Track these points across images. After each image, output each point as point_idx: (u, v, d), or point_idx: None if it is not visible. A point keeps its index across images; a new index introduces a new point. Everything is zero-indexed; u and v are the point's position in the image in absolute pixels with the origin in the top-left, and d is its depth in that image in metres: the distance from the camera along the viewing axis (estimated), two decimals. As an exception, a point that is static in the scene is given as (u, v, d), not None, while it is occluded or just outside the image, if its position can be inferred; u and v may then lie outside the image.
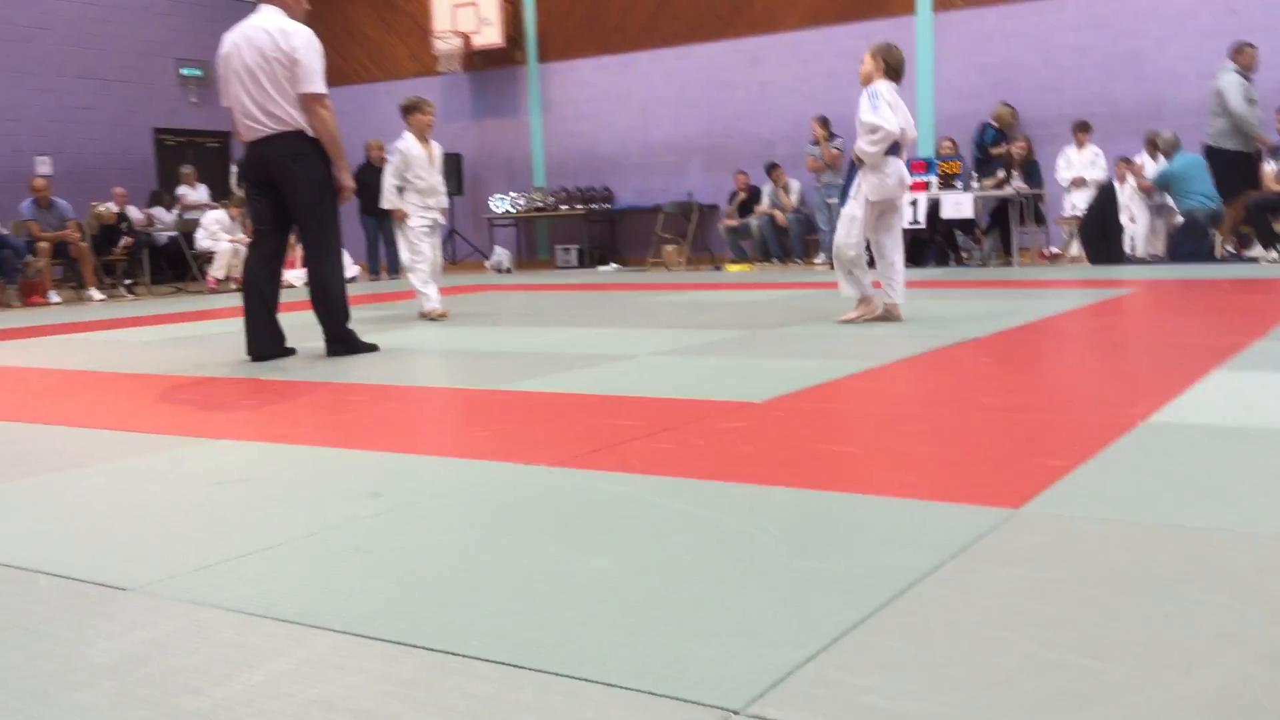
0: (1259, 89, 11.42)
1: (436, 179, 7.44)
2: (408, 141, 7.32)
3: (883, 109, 5.66)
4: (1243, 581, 1.71)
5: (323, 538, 2.17)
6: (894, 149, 5.74)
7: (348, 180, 5.33)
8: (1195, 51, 11.71)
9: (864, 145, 5.72)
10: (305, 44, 5.14)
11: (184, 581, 1.92)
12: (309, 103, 5.15)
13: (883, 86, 5.73)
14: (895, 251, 5.88)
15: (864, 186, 5.79)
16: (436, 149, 7.52)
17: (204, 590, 1.87)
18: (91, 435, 3.48)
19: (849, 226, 5.82)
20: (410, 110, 7.39)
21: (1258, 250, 10.39)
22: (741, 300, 7.97)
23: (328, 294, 5.35)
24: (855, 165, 5.97)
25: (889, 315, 5.82)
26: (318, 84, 5.16)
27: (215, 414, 3.89)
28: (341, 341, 5.38)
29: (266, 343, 5.30)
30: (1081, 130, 11.88)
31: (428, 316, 7.24)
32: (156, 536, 2.24)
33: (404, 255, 7.45)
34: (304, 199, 5.24)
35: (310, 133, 5.19)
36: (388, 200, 7.32)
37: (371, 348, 5.45)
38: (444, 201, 7.62)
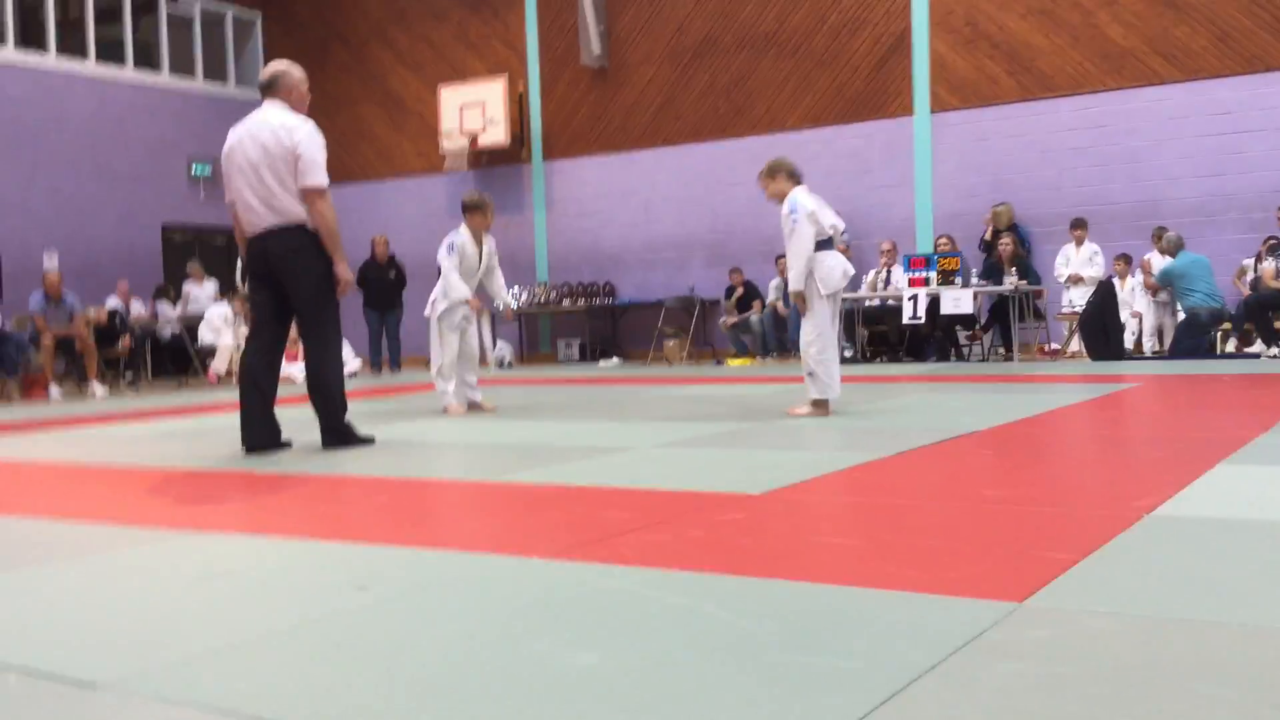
0: (1257, 189, 11.56)
1: (493, 276, 7.43)
2: (463, 237, 7.28)
3: (802, 225, 5.73)
4: (1250, 677, 1.65)
5: (304, 633, 2.10)
6: (827, 243, 5.84)
7: (346, 273, 5.33)
8: (1192, 151, 11.85)
9: (792, 276, 5.86)
10: (308, 138, 5.19)
11: (157, 678, 1.85)
12: (310, 196, 5.18)
13: (800, 196, 5.83)
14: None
15: (814, 283, 5.86)
16: (490, 246, 7.43)
17: (177, 687, 1.80)
18: (78, 529, 3.42)
19: (811, 324, 5.90)
20: (471, 209, 7.32)
21: (1258, 346, 10.39)
22: (742, 394, 7.94)
23: (325, 385, 5.32)
24: None
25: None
26: (319, 177, 5.19)
27: (204, 507, 3.83)
28: (337, 433, 5.34)
29: (261, 435, 5.26)
30: (1079, 228, 11.97)
31: (450, 413, 7.15)
32: (133, 631, 2.18)
33: (433, 349, 7.34)
34: (304, 292, 5.25)
35: (311, 226, 5.21)
36: (459, 291, 7.16)
37: (368, 440, 5.41)
38: (502, 295, 7.58)
